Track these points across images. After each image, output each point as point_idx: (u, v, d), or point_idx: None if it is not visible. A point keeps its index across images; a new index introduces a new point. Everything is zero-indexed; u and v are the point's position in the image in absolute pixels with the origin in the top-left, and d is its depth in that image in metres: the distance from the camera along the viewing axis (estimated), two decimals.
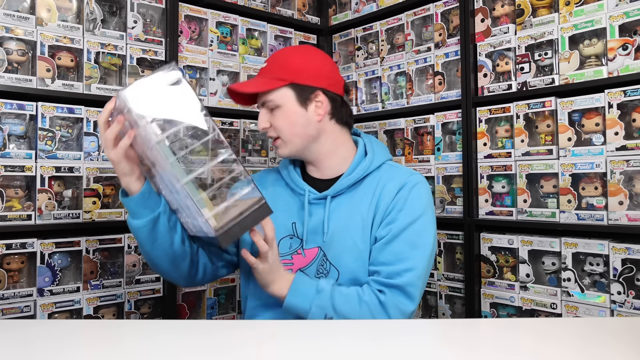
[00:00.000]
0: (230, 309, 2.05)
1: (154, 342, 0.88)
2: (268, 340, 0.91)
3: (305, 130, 1.31)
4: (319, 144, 1.33)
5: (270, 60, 1.35)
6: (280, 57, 1.34)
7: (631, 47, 1.52)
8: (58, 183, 1.66)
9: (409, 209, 1.25)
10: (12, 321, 1.26)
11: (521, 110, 1.73)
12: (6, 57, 1.58)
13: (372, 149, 1.35)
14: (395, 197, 1.27)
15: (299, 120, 1.30)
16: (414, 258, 1.22)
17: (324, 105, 1.31)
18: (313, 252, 1.30)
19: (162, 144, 1.04)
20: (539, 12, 1.73)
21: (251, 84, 1.34)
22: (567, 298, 1.61)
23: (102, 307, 1.72)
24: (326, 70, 1.34)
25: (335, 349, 0.86)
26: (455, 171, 1.90)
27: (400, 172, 1.32)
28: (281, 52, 1.37)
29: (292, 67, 1.31)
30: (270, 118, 1.31)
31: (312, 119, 1.31)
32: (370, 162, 1.33)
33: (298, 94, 1.30)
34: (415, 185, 1.28)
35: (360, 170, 1.32)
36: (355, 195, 1.31)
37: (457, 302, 1.90)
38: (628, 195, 1.50)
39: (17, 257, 1.59)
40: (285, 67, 1.31)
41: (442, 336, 0.94)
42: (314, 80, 1.31)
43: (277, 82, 1.29)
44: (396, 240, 1.24)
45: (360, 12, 2.25)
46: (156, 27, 1.88)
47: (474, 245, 1.82)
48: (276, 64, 1.32)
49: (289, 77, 1.29)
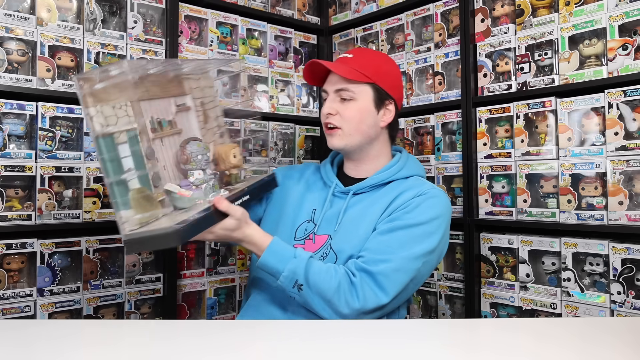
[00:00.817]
0: (230, 309, 2.06)
1: (154, 342, 0.88)
2: (268, 340, 0.91)
3: (369, 129, 1.37)
4: (370, 146, 1.40)
5: (357, 54, 1.40)
6: (367, 55, 1.41)
7: (631, 47, 1.52)
8: (58, 183, 1.66)
9: (416, 213, 1.27)
10: (12, 321, 1.26)
11: (521, 110, 1.73)
12: (6, 57, 1.58)
13: (405, 161, 1.41)
14: (409, 200, 1.29)
15: (368, 119, 1.36)
16: (396, 255, 1.23)
17: (391, 115, 1.40)
18: (323, 239, 1.34)
19: (99, 139, 1.00)
20: (539, 12, 1.73)
21: (338, 67, 1.35)
22: (567, 298, 1.61)
23: (102, 307, 1.72)
24: (401, 85, 1.45)
25: (335, 349, 0.86)
26: (455, 171, 1.90)
27: (425, 185, 1.34)
28: (367, 50, 1.47)
29: (378, 69, 1.37)
30: (340, 107, 1.36)
31: (378, 123, 1.38)
32: (398, 170, 1.38)
33: (376, 95, 1.37)
34: (434, 197, 1.30)
35: (386, 174, 1.37)
36: (375, 195, 1.36)
37: (457, 302, 1.90)
38: (628, 195, 1.50)
39: (17, 257, 1.59)
40: (371, 67, 1.37)
41: (442, 336, 0.94)
42: (392, 89, 1.39)
43: (363, 76, 1.35)
44: (390, 234, 1.26)
45: (360, 12, 2.25)
46: (156, 27, 1.88)
47: (474, 245, 1.82)
48: (363, 60, 1.38)
49: (374, 77, 1.36)
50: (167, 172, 1.13)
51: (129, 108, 1.03)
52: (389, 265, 1.21)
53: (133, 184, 1.02)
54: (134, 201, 1.01)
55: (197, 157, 1.16)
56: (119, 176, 1.00)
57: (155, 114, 1.12)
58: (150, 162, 1.07)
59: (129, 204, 1.00)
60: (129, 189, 1.01)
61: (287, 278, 1.20)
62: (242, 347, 0.87)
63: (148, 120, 1.09)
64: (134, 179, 1.02)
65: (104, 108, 0.99)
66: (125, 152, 1.01)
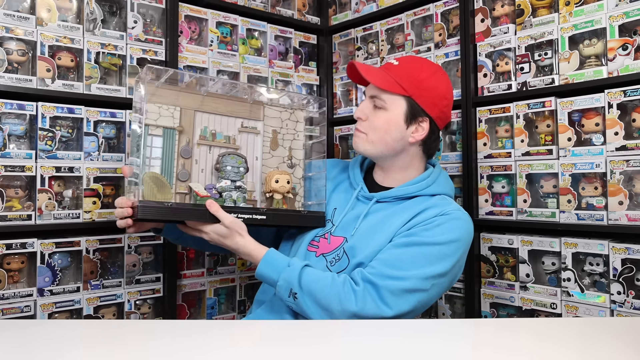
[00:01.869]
0: (230, 309, 2.06)
1: (153, 342, 0.88)
2: (268, 340, 0.91)
3: (394, 143, 1.33)
4: (396, 158, 1.37)
5: (403, 62, 1.35)
6: (412, 65, 1.35)
7: (631, 47, 1.52)
8: (58, 183, 1.66)
9: (435, 232, 1.24)
10: (12, 321, 1.26)
11: (521, 110, 1.73)
12: (6, 57, 1.58)
13: (435, 177, 1.37)
14: (431, 218, 1.26)
15: (395, 132, 1.32)
16: (406, 272, 1.19)
17: (423, 132, 1.34)
18: (338, 241, 1.33)
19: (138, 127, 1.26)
20: (539, 12, 1.73)
21: (375, 75, 1.33)
22: (567, 298, 1.61)
23: (102, 307, 1.72)
24: (444, 103, 1.36)
25: (334, 349, 0.86)
26: (455, 171, 1.90)
27: (450, 205, 1.31)
28: (416, 60, 1.38)
29: (419, 83, 1.31)
30: (371, 113, 1.34)
31: (406, 138, 1.33)
32: (427, 185, 1.34)
33: (409, 110, 1.32)
34: (457, 219, 1.27)
35: (412, 188, 1.34)
36: (397, 207, 1.33)
37: (457, 302, 1.90)
38: (628, 195, 1.50)
39: (17, 257, 1.59)
40: (412, 79, 1.31)
41: (442, 336, 0.94)
42: (429, 106, 1.33)
43: (399, 88, 1.30)
44: (404, 248, 1.23)
45: (360, 12, 2.25)
46: (156, 27, 1.88)
47: (474, 245, 1.81)
48: (406, 70, 1.33)
49: (410, 90, 1.31)
50: (203, 175, 1.30)
51: (176, 111, 1.28)
52: (396, 282, 1.18)
53: (155, 170, 1.24)
54: (144, 181, 1.21)
55: (226, 167, 1.29)
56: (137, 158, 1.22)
57: (212, 125, 1.33)
58: (184, 160, 1.28)
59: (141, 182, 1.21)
60: (144, 171, 1.22)
61: (282, 287, 1.20)
62: (242, 347, 0.87)
63: (200, 128, 1.31)
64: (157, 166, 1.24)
65: (149, 106, 1.24)
66: (157, 144, 1.25)
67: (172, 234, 1.45)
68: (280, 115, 1.41)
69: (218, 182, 1.29)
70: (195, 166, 1.29)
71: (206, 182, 1.29)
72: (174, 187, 1.26)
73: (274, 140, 1.39)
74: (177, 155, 1.27)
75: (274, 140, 1.39)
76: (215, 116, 1.33)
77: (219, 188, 1.29)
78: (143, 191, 1.21)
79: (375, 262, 1.23)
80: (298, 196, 1.42)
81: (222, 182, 1.29)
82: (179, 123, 1.28)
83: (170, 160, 1.26)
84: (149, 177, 1.22)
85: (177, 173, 1.26)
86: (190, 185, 1.27)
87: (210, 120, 1.32)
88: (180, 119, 1.28)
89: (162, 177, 1.24)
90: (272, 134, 1.39)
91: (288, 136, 1.42)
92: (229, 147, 1.33)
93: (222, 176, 1.29)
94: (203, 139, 1.30)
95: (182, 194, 1.27)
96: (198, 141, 1.30)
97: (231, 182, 1.30)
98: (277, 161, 1.39)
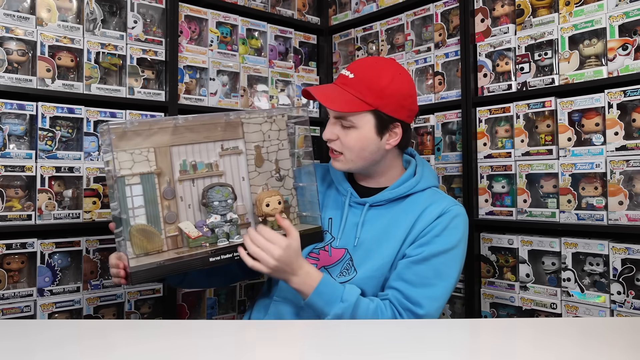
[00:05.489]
0: (230, 309, 2.05)
1: (153, 342, 0.89)
2: (268, 341, 0.91)
3: (372, 155, 1.32)
4: (377, 166, 1.35)
5: (359, 73, 1.30)
6: (369, 74, 1.29)
7: (631, 47, 1.52)
8: (58, 183, 1.66)
9: (445, 237, 1.26)
10: (12, 321, 1.26)
11: (521, 110, 1.73)
12: (6, 57, 1.58)
13: (421, 172, 1.37)
14: (434, 220, 1.27)
15: (370, 146, 1.30)
16: (438, 287, 1.24)
17: (397, 137, 1.32)
18: (340, 253, 1.32)
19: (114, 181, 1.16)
20: (539, 12, 1.73)
21: (335, 100, 1.28)
22: (567, 298, 1.61)
23: (102, 307, 1.72)
24: (410, 100, 1.33)
25: (334, 349, 0.86)
26: (455, 171, 1.90)
27: (444, 199, 1.33)
28: (370, 66, 1.31)
29: (380, 92, 1.27)
30: (341, 133, 1.30)
31: (382, 147, 1.31)
32: (417, 182, 1.34)
33: (379, 122, 1.28)
34: (457, 216, 1.29)
35: (405, 188, 1.33)
36: (394, 211, 1.32)
37: (457, 302, 1.90)
38: (628, 195, 1.50)
39: (17, 257, 1.59)
40: (373, 90, 1.27)
41: (442, 336, 0.94)
42: (397, 111, 1.29)
43: (362, 105, 1.27)
44: (425, 263, 1.24)
45: (360, 12, 2.25)
46: (156, 27, 1.88)
47: (474, 245, 1.82)
48: (365, 81, 1.28)
49: (375, 103, 1.27)
50: (191, 211, 1.23)
51: (150, 153, 1.18)
52: (436, 305, 1.23)
53: (140, 220, 1.16)
54: (132, 235, 1.14)
55: (213, 203, 1.23)
56: (122, 213, 1.14)
57: (190, 157, 1.24)
58: (168, 201, 1.20)
59: (128, 238, 1.14)
60: (130, 225, 1.14)
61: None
62: (242, 347, 0.87)
63: (178, 163, 1.23)
64: (142, 215, 1.16)
65: (120, 154, 1.14)
66: (137, 192, 1.16)
67: (174, 279, 1.42)
68: (260, 128, 1.33)
69: (208, 218, 1.23)
70: (182, 203, 1.22)
71: (195, 218, 1.23)
72: (163, 233, 1.19)
73: (259, 157, 1.32)
74: (160, 199, 1.19)
75: (259, 157, 1.32)
76: (192, 146, 1.24)
77: (210, 225, 1.23)
78: (132, 249, 1.14)
79: (401, 283, 1.24)
80: (292, 207, 1.36)
81: (212, 217, 1.23)
82: (156, 165, 1.19)
83: (154, 206, 1.18)
84: (136, 230, 1.15)
85: (163, 217, 1.19)
86: (179, 227, 1.21)
87: (188, 152, 1.23)
88: (157, 160, 1.19)
89: (149, 227, 1.17)
90: (255, 150, 1.31)
91: (272, 148, 1.34)
92: (212, 176, 1.26)
93: (211, 211, 1.23)
94: (184, 174, 1.22)
95: (173, 237, 1.20)
96: (179, 177, 1.22)
97: (221, 216, 1.24)
98: (264, 177, 1.32)
